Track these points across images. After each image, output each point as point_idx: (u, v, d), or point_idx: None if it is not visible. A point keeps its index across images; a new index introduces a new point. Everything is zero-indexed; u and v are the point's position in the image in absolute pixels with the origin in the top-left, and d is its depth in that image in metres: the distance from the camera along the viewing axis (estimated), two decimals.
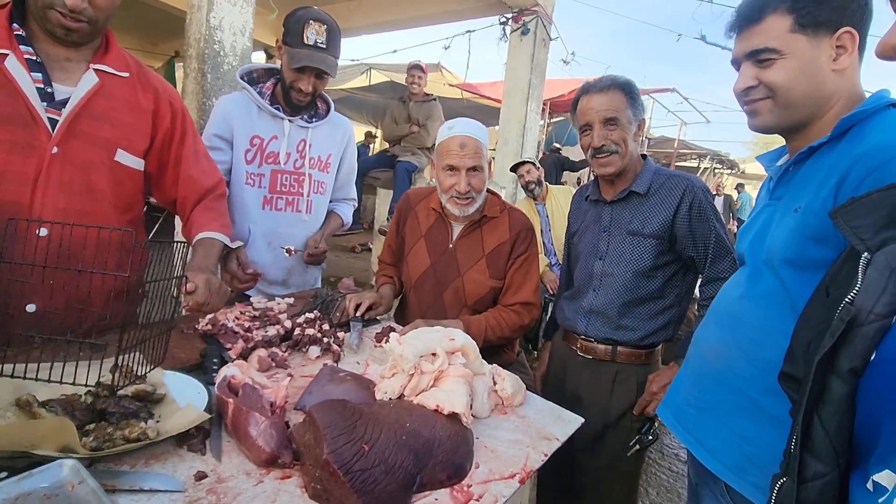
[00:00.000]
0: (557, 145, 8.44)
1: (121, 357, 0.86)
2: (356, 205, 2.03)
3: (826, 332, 0.51)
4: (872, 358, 0.47)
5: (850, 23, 0.85)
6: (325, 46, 1.52)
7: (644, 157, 1.51)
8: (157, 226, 3.74)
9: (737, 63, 0.96)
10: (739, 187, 12.95)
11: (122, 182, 1.22)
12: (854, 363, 0.48)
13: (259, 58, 7.46)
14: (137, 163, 1.24)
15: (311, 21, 1.50)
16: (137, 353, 0.91)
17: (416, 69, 4.22)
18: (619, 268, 1.44)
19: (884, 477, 0.42)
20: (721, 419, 0.98)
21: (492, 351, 1.58)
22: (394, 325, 1.52)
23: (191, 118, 1.34)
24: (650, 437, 1.38)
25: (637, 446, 1.39)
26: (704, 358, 1.03)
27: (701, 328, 1.08)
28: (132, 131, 1.21)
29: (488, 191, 1.57)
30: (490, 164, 1.60)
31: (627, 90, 1.41)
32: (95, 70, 1.13)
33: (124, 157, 1.20)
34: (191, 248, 1.29)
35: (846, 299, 0.50)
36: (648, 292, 1.43)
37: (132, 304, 1.31)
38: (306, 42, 1.50)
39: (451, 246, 1.57)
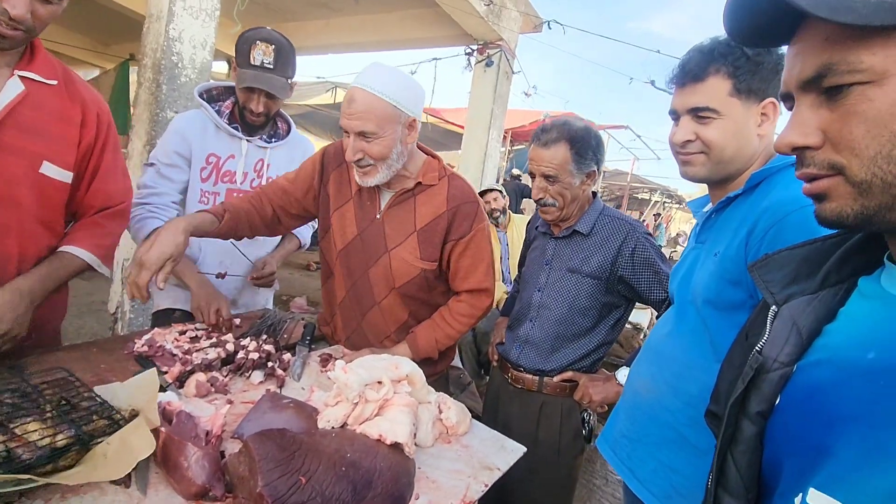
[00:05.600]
0: (517, 172, 8.68)
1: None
2: (316, 225, 2.01)
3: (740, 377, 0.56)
4: (777, 402, 0.52)
5: (773, 94, 0.94)
6: (272, 67, 1.51)
7: (594, 194, 1.55)
8: None
9: (675, 114, 1.02)
10: (656, 217, 13.69)
11: (49, 196, 1.15)
12: (761, 406, 0.52)
13: (221, 67, 7.32)
14: (65, 175, 1.16)
15: (258, 42, 1.49)
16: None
17: None
18: (556, 302, 1.48)
19: None
20: (650, 450, 1.03)
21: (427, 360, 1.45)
22: (343, 349, 1.49)
23: (116, 132, 1.27)
24: (588, 427, 1.49)
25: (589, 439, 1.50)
26: (637, 392, 1.08)
27: (635, 364, 1.14)
28: (60, 143, 1.14)
29: (430, 154, 1.38)
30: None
31: (574, 143, 1.39)
32: (21, 77, 1.07)
33: (50, 170, 1.13)
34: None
35: (756, 348, 0.55)
36: (581, 328, 1.48)
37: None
38: (253, 63, 1.49)
39: (378, 216, 1.35)
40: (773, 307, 0.57)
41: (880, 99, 0.42)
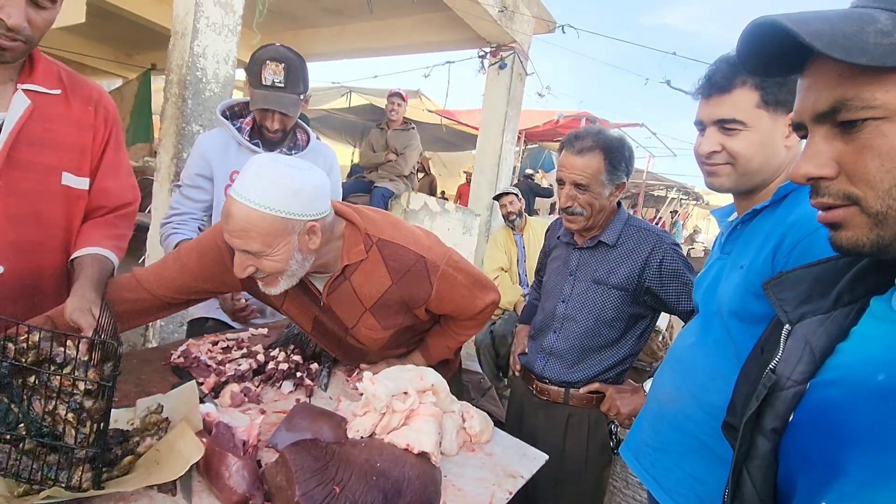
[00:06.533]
0: (531, 171, 8.67)
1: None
2: None
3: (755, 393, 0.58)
4: (791, 419, 0.54)
5: None
6: (283, 85, 1.54)
7: (619, 203, 1.52)
8: None
9: (700, 125, 1.01)
10: (672, 214, 13.97)
11: (73, 206, 1.15)
12: (775, 423, 0.54)
13: (242, 75, 7.45)
14: (83, 182, 1.16)
15: (267, 61, 1.52)
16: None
17: (396, 97, 4.29)
18: (581, 313, 1.46)
19: None
20: (675, 460, 1.04)
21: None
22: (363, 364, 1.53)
23: (120, 128, 1.25)
24: (616, 439, 1.48)
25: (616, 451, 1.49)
26: (660, 401, 1.09)
27: (658, 373, 1.15)
28: (76, 151, 1.13)
29: (348, 219, 1.16)
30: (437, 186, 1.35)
31: (609, 153, 1.38)
32: (25, 91, 1.04)
33: (71, 180, 1.13)
34: (76, 262, 1.13)
35: (769, 367, 0.57)
36: (608, 340, 1.46)
37: None
38: (264, 83, 1.53)
39: (323, 303, 1.22)
40: (787, 326, 0.59)
41: (894, 135, 0.44)
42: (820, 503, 0.44)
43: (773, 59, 0.53)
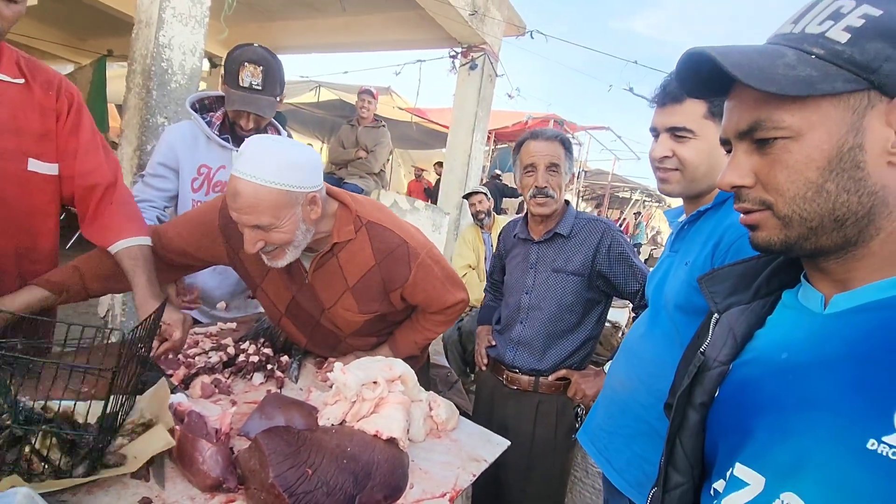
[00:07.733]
0: (498, 172, 8.81)
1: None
2: None
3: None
4: (717, 395, 0.62)
5: None
6: (260, 88, 1.55)
7: (567, 202, 1.66)
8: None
9: (655, 131, 1.11)
10: (636, 216, 14.68)
11: (39, 189, 1.19)
12: (703, 398, 0.62)
13: (204, 66, 7.24)
14: (51, 168, 1.20)
15: (246, 63, 1.53)
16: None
17: (366, 94, 4.29)
18: (545, 301, 1.58)
19: (719, 484, 0.56)
20: (626, 442, 1.13)
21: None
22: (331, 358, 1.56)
23: (87, 110, 1.27)
24: (581, 421, 1.57)
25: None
26: (614, 388, 1.18)
27: (613, 362, 1.24)
28: (41, 138, 1.17)
29: (341, 201, 1.25)
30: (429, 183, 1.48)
31: (567, 146, 1.58)
32: None
33: (38, 166, 1.17)
34: (118, 257, 1.20)
35: (700, 350, 0.65)
36: (569, 325, 1.58)
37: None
38: (241, 84, 1.53)
39: (306, 281, 1.28)
40: (716, 315, 0.67)
41: (797, 151, 0.53)
42: (735, 463, 0.52)
43: (704, 82, 0.61)
